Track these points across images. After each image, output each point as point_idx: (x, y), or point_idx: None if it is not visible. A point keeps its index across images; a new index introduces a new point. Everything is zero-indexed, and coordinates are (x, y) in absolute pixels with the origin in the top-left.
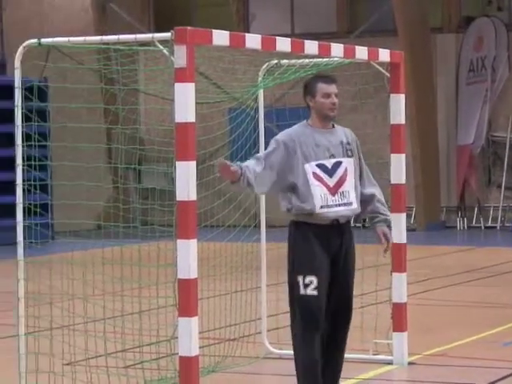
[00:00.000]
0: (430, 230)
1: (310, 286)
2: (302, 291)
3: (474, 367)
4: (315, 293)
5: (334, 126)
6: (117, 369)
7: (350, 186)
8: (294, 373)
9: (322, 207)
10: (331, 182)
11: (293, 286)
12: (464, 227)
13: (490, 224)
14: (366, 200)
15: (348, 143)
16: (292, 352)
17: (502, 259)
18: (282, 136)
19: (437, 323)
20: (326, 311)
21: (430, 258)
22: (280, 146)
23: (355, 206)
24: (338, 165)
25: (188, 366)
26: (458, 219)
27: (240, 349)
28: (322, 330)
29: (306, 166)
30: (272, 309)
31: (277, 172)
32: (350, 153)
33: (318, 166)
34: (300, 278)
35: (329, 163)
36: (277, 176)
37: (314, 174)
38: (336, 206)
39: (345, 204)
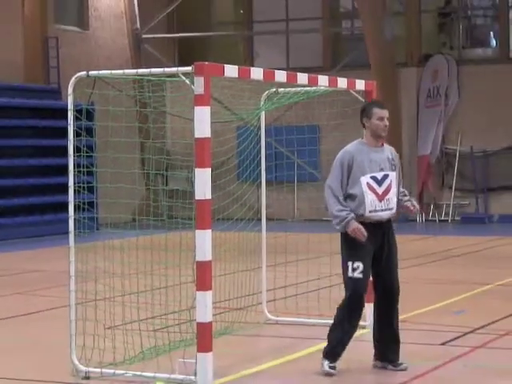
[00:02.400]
0: (396, 222)
1: (357, 270)
2: (350, 274)
3: (430, 331)
4: (361, 276)
5: (382, 145)
6: (147, 332)
7: (393, 194)
8: (300, 335)
9: (370, 211)
10: (380, 190)
11: (344, 270)
12: (423, 220)
13: (443, 218)
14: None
15: (392, 159)
16: (288, 318)
17: (453, 246)
18: (342, 156)
19: (401, 296)
20: (377, 293)
21: None
22: (342, 168)
23: (394, 210)
24: (386, 177)
25: (204, 329)
26: (417, 214)
27: (245, 316)
28: (364, 304)
29: (362, 178)
30: (270, 284)
31: (343, 187)
32: (393, 167)
33: (372, 177)
34: (349, 264)
35: (379, 175)
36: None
37: (368, 184)
38: (381, 210)
39: (388, 209)
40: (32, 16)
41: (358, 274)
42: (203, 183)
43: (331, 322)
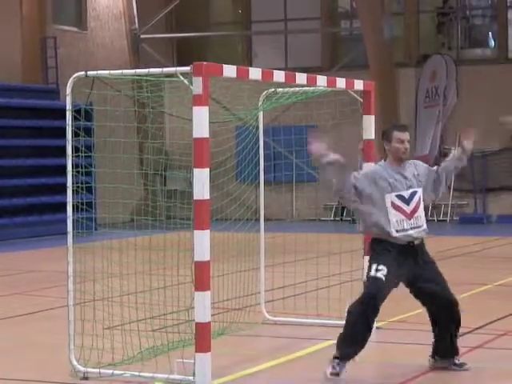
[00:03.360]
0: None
1: (380, 271)
2: (372, 273)
3: (428, 331)
4: (382, 277)
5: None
6: (146, 332)
7: (421, 210)
8: (299, 336)
9: (397, 231)
10: (409, 208)
11: (367, 272)
12: None
13: (441, 218)
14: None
15: (418, 174)
16: (287, 319)
17: (451, 246)
18: (366, 170)
19: (398, 296)
20: (432, 306)
21: None
22: (364, 178)
23: (425, 226)
24: (414, 194)
25: (202, 330)
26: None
27: (243, 316)
28: (378, 309)
29: (387, 196)
30: (268, 285)
31: (358, 193)
32: (420, 183)
33: (398, 196)
34: (374, 265)
35: (406, 194)
36: (357, 196)
37: (393, 203)
38: (411, 229)
39: (418, 226)
40: (30, 16)
41: (379, 274)
42: (201, 183)
43: (329, 322)
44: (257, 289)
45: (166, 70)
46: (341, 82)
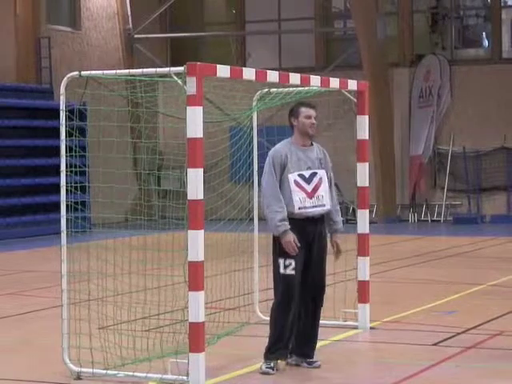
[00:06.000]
0: (388, 222)
1: (289, 267)
2: (282, 271)
3: (423, 331)
4: (293, 272)
5: (312, 144)
6: (140, 332)
7: (323, 190)
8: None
9: (299, 209)
10: (309, 187)
11: (276, 266)
12: (415, 220)
13: (435, 218)
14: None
15: (321, 158)
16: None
17: (445, 246)
18: (272, 155)
19: (393, 296)
20: (304, 287)
21: (388, 244)
22: (275, 167)
23: (328, 206)
24: (314, 175)
25: (196, 329)
26: (410, 214)
27: (237, 316)
28: (296, 301)
29: (289, 176)
30: (262, 284)
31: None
32: (322, 165)
33: (299, 175)
34: (281, 261)
35: (307, 173)
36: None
37: (296, 182)
38: (311, 207)
39: (319, 205)
40: (24, 16)
41: (290, 271)
42: (195, 183)
43: (323, 321)
44: (251, 289)
45: (159, 70)
46: (335, 82)
